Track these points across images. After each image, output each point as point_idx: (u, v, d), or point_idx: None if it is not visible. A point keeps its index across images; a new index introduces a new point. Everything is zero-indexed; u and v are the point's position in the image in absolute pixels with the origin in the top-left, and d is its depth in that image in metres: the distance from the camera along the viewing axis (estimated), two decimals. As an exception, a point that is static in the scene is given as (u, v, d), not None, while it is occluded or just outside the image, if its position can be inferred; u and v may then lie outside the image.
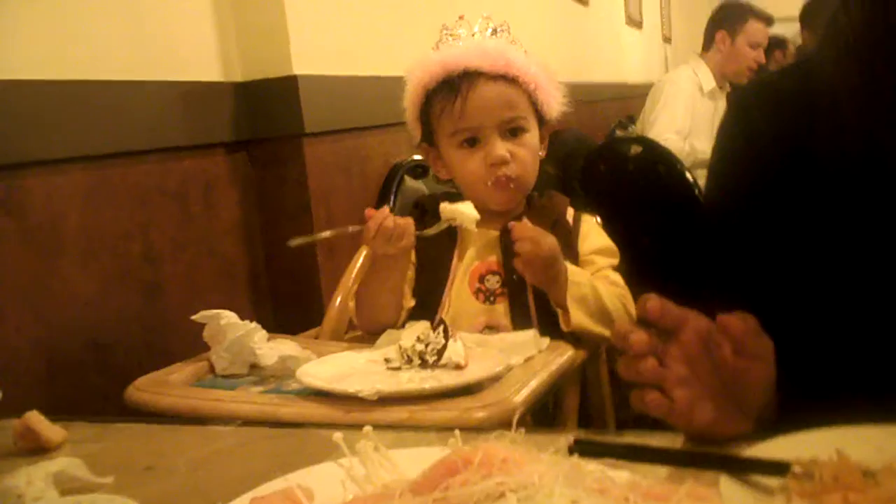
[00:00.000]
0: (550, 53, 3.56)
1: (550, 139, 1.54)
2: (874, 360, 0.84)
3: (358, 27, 2.14)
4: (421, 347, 1.16)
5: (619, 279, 1.41)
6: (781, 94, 1.02)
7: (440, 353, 1.15)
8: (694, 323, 0.78)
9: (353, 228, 1.33)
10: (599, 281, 1.37)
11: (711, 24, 3.64)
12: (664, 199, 2.62)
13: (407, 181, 2.12)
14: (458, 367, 1.13)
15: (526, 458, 0.53)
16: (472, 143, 1.42)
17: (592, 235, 1.46)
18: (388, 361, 1.18)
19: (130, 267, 1.58)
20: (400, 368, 1.16)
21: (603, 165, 2.89)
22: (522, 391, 1.05)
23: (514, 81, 1.40)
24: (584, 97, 3.99)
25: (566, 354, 1.21)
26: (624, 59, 5.26)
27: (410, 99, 1.47)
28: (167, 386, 1.18)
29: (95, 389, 1.45)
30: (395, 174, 2.12)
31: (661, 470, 0.69)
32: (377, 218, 1.30)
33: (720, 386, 0.76)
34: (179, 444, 0.96)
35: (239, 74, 1.86)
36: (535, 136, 1.44)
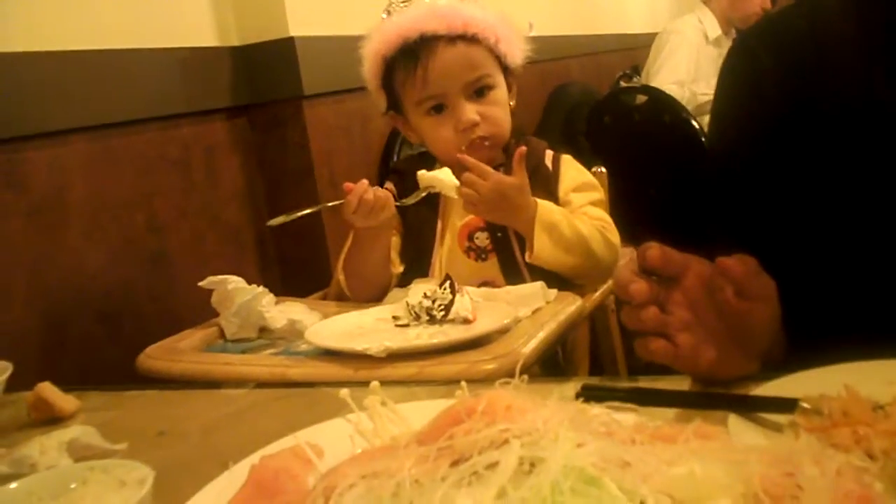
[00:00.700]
0: (553, 6, 3.52)
1: (555, 93, 1.52)
2: (876, 297, 0.83)
3: (354, -15, 2.11)
4: (428, 303, 1.16)
5: (599, 213, 1.39)
6: (785, 33, 1.00)
7: (448, 308, 1.15)
8: (696, 268, 0.78)
9: (332, 203, 1.31)
10: (577, 216, 1.35)
11: None
12: (670, 148, 2.61)
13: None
14: (466, 321, 1.13)
15: (530, 404, 0.52)
16: (439, 109, 1.39)
17: (570, 174, 1.43)
18: (396, 319, 1.18)
19: (135, 237, 1.59)
20: (408, 325, 1.16)
21: (608, 117, 2.87)
22: (531, 342, 1.05)
23: (473, 39, 1.36)
24: (587, 49, 3.95)
25: (574, 305, 1.20)
26: (627, 9, 5.18)
27: (370, 69, 1.43)
28: (178, 352, 1.19)
29: (106, 359, 1.47)
30: (397, 134, 2.11)
31: (668, 412, 0.69)
32: (356, 191, 1.28)
33: (724, 329, 0.76)
34: (191, 408, 0.97)
35: (235, 38, 1.85)
36: (502, 90, 1.41)
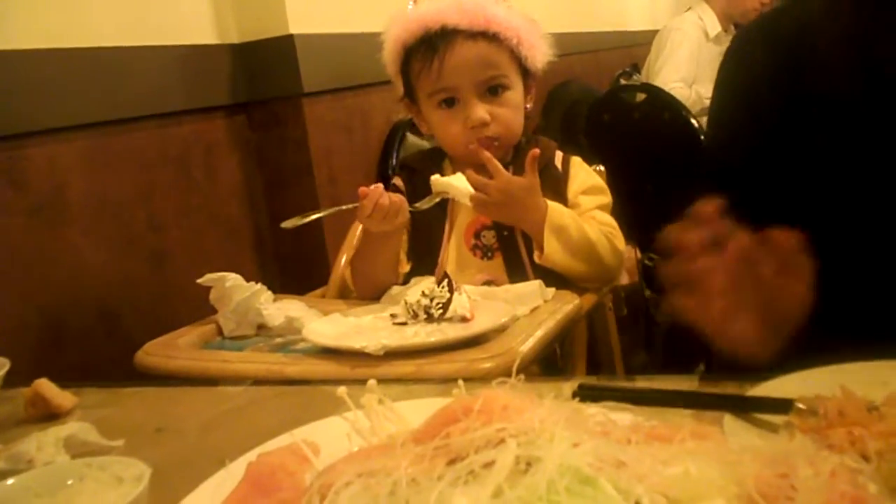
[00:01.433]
0: (552, 3, 3.51)
1: (555, 91, 1.52)
2: (872, 294, 0.83)
3: (354, -17, 2.11)
4: (426, 302, 1.16)
5: (606, 218, 1.39)
6: (782, 29, 1.00)
7: (445, 306, 1.15)
8: (739, 237, 0.78)
9: (346, 206, 1.31)
10: (585, 220, 1.35)
11: None
12: (669, 146, 2.60)
13: (409, 138, 2.11)
14: (463, 319, 1.13)
15: (527, 404, 0.53)
16: (450, 103, 1.39)
17: (580, 176, 1.44)
18: (394, 317, 1.18)
19: (135, 234, 1.59)
20: (406, 323, 1.16)
21: (607, 115, 2.86)
22: (528, 341, 1.05)
23: (494, 38, 1.37)
24: (587, 47, 3.94)
25: (572, 303, 1.20)
26: (627, 6, 5.18)
27: (390, 55, 1.43)
28: (176, 349, 1.19)
29: (104, 355, 1.47)
30: (396, 131, 2.11)
31: (665, 412, 0.69)
32: (372, 196, 1.28)
33: (757, 303, 0.77)
34: (189, 405, 0.97)
35: (235, 36, 1.85)
36: (517, 91, 1.41)
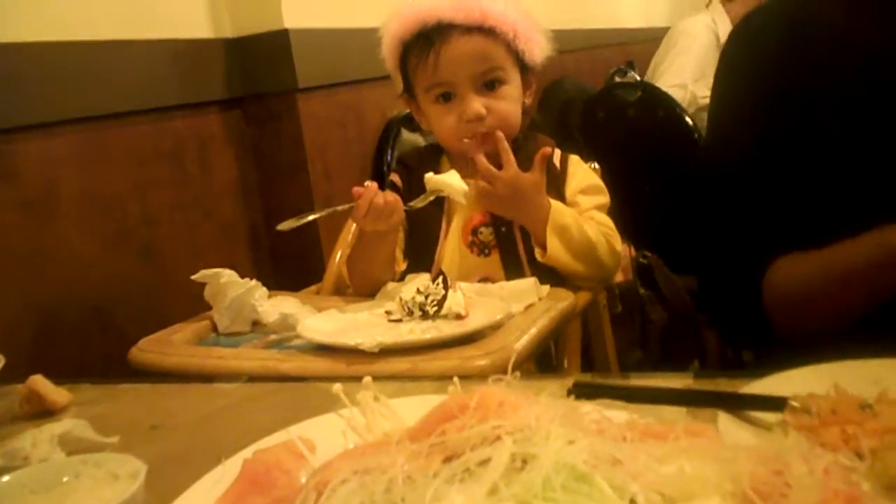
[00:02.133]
0: (547, 0, 3.51)
1: (550, 88, 1.52)
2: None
3: (349, -21, 2.10)
4: (421, 299, 1.16)
5: (604, 219, 1.40)
6: (789, 16, 0.99)
7: (440, 303, 1.15)
8: None
9: (341, 207, 1.31)
10: (585, 221, 1.36)
11: None
12: (664, 144, 2.60)
13: (404, 134, 2.11)
14: (458, 316, 1.14)
15: (522, 401, 0.53)
16: (447, 97, 1.39)
17: (578, 175, 1.44)
18: (389, 314, 1.18)
19: (128, 229, 1.58)
20: (401, 320, 1.16)
21: (602, 112, 2.86)
22: (523, 338, 1.05)
23: (491, 32, 1.37)
24: (581, 44, 3.94)
25: (567, 301, 1.21)
26: (622, 4, 5.18)
27: (388, 50, 1.44)
28: (170, 346, 1.18)
29: (98, 352, 1.46)
30: (391, 127, 2.11)
31: (659, 409, 0.69)
32: (367, 196, 1.27)
33: None
34: (183, 402, 0.97)
35: (229, 30, 1.84)
36: (515, 86, 1.41)
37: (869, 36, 0.92)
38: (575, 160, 1.46)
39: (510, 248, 1.38)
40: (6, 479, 0.67)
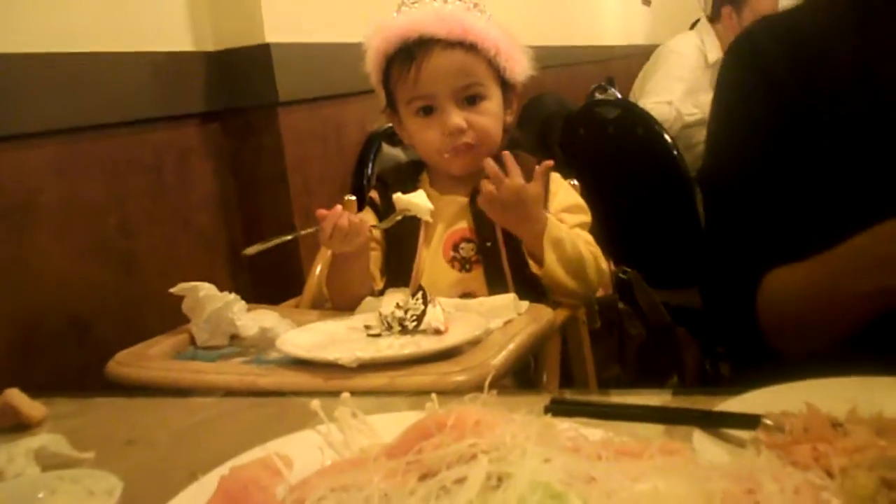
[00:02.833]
0: (527, 17, 3.54)
1: (530, 104, 1.53)
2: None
3: (331, -7, 2.11)
4: (400, 314, 1.16)
5: (589, 237, 1.41)
6: (789, 30, 0.99)
7: (419, 318, 1.15)
8: None
9: (306, 232, 1.32)
10: (575, 236, 1.36)
11: None
12: (643, 161, 2.63)
13: (384, 148, 2.12)
14: (437, 332, 1.14)
15: (499, 419, 0.53)
16: (427, 111, 1.41)
17: (561, 193, 1.45)
18: (368, 328, 1.18)
19: (106, 241, 1.57)
20: (380, 335, 1.16)
21: (582, 129, 2.89)
22: (501, 354, 1.05)
23: (472, 48, 1.38)
24: (562, 60, 3.97)
25: (545, 317, 1.21)
26: (602, 21, 5.23)
27: (372, 65, 1.45)
28: (147, 359, 1.18)
29: (75, 365, 1.45)
30: (372, 142, 2.11)
31: (635, 427, 0.70)
32: (331, 219, 1.29)
33: None
34: (160, 417, 0.97)
35: (210, 44, 1.84)
36: (495, 102, 1.43)
37: (867, 51, 0.93)
38: (556, 178, 1.47)
39: (494, 263, 1.39)
40: (-20, 494, 0.67)
